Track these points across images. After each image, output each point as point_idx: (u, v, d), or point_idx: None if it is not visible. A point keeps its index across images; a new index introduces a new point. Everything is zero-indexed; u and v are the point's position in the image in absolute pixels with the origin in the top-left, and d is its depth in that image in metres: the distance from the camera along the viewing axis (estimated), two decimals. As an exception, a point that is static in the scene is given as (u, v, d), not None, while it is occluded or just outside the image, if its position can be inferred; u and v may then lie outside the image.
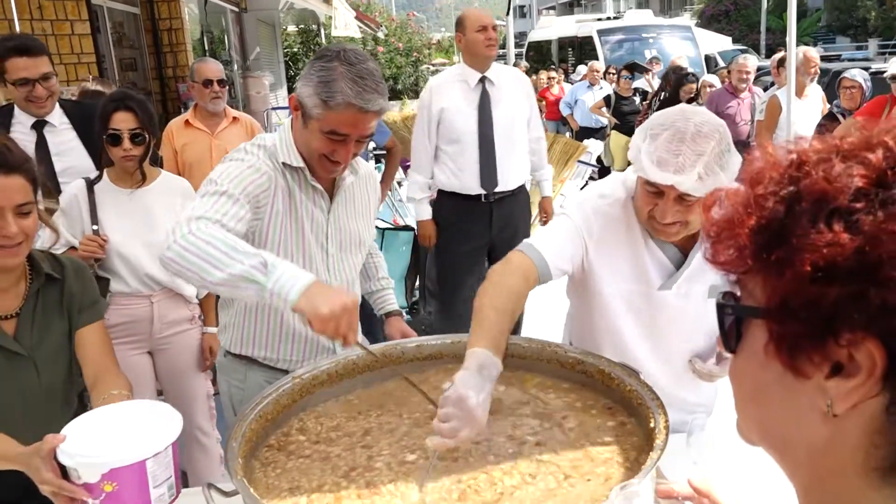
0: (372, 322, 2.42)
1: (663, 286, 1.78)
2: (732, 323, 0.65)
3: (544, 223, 3.85)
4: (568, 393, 1.65)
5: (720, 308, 0.66)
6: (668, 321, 1.82)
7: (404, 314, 2.29)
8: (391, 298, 2.22)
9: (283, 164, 1.79)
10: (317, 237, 1.86)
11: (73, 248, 2.62)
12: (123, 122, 2.55)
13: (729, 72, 7.30)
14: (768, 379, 0.62)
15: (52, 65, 2.97)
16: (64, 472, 1.34)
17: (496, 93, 3.65)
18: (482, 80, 3.64)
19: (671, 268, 1.79)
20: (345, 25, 12.15)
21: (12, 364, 1.69)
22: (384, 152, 4.39)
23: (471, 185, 3.68)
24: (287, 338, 1.89)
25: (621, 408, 1.55)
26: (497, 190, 3.70)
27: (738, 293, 0.64)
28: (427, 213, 3.86)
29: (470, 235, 3.82)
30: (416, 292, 4.85)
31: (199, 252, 1.47)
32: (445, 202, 3.84)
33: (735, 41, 22.35)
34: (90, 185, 2.64)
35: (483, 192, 3.70)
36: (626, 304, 1.82)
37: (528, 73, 14.82)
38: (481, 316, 1.53)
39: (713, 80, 8.17)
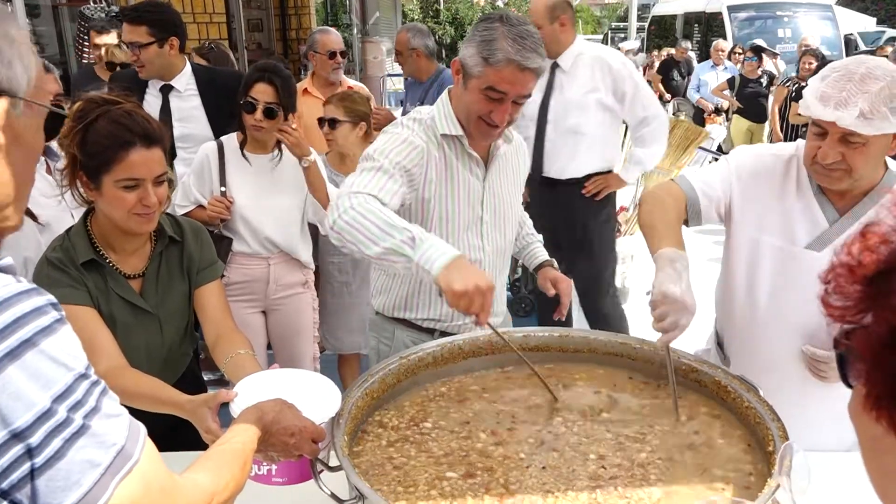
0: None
1: (811, 245, 1.71)
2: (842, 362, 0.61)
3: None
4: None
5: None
6: (807, 284, 1.70)
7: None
8: (540, 251, 2.24)
9: (442, 135, 1.86)
10: (472, 205, 1.93)
11: (200, 206, 2.76)
12: (262, 93, 2.63)
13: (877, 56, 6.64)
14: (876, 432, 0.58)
15: (149, 35, 3.07)
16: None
17: (563, 79, 3.54)
18: (553, 66, 3.54)
19: (826, 227, 1.70)
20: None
21: (139, 319, 1.81)
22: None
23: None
24: (439, 298, 1.91)
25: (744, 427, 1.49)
26: (544, 175, 3.62)
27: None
28: None
29: (533, 216, 3.76)
30: (519, 270, 4.83)
31: (359, 227, 1.59)
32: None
33: (880, 22, 20.59)
34: (221, 148, 2.76)
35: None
36: (763, 257, 1.76)
37: (648, 49, 14.23)
38: (653, 229, 1.69)
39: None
